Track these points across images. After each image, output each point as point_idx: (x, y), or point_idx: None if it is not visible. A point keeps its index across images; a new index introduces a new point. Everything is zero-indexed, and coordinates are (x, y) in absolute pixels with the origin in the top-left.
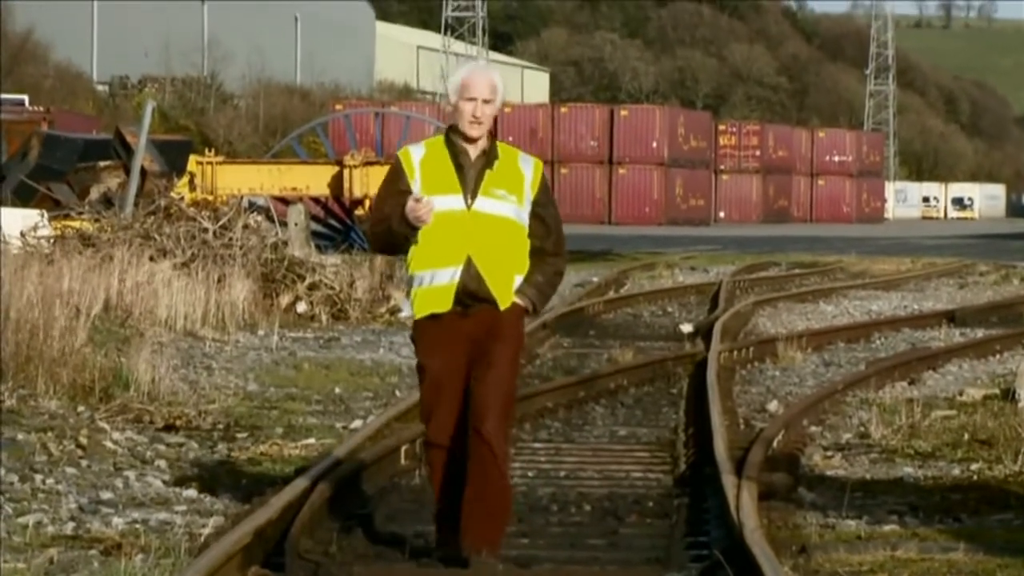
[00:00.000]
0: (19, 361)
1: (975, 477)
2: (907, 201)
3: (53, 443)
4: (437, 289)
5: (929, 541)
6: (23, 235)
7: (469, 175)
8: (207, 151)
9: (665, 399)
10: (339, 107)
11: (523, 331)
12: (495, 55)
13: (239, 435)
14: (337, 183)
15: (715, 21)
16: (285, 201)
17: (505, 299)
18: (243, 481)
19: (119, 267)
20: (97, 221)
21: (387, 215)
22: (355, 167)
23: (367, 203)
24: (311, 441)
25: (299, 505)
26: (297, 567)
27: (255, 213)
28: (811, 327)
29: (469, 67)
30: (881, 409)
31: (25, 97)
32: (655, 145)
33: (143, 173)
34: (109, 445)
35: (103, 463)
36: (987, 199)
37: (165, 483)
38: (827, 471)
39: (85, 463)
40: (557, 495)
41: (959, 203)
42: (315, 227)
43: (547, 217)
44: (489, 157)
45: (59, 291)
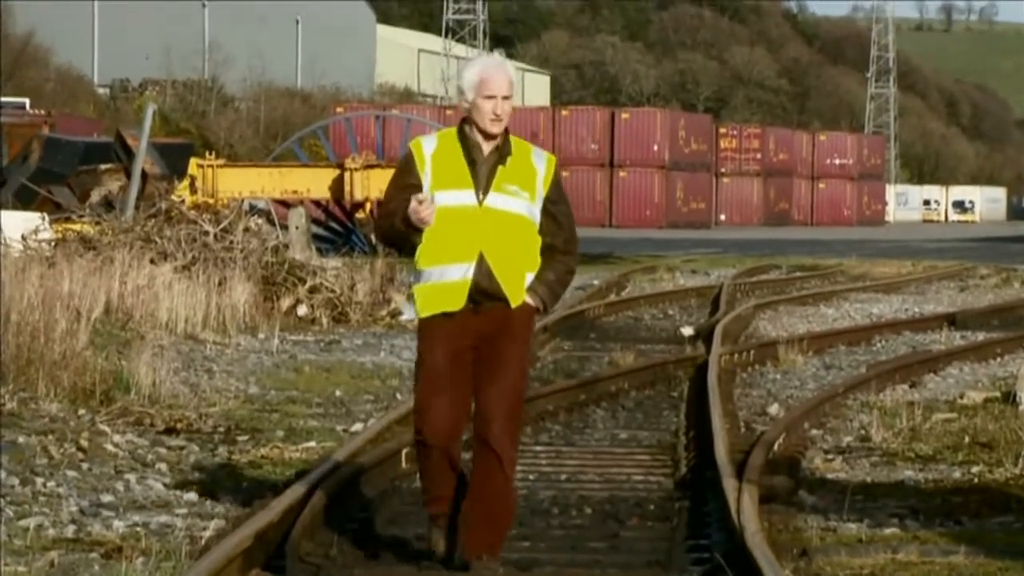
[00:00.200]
0: (20, 364)
1: (976, 480)
2: (908, 204)
3: (54, 446)
4: (448, 286)
5: (930, 544)
6: (24, 238)
7: (481, 170)
8: (208, 154)
9: (666, 402)
10: (340, 110)
11: (533, 330)
12: (499, 51)
13: (240, 438)
14: (338, 186)
15: (716, 24)
16: (286, 204)
17: (516, 297)
18: (244, 484)
19: (120, 270)
20: (98, 224)
21: (393, 210)
22: (356, 170)
23: (368, 206)
24: (312, 444)
25: (300, 508)
26: (298, 570)
27: (256, 216)
28: (812, 330)
29: (484, 63)
30: (882, 412)
31: (26, 100)
32: (656, 148)
33: (144, 176)
34: (110, 448)
35: (104, 466)
36: (988, 202)
37: (166, 486)
38: (828, 474)
39: (86, 466)
40: (558, 498)
41: (960, 206)
42: (316, 230)
43: (559, 214)
44: (502, 152)
45: (60, 294)
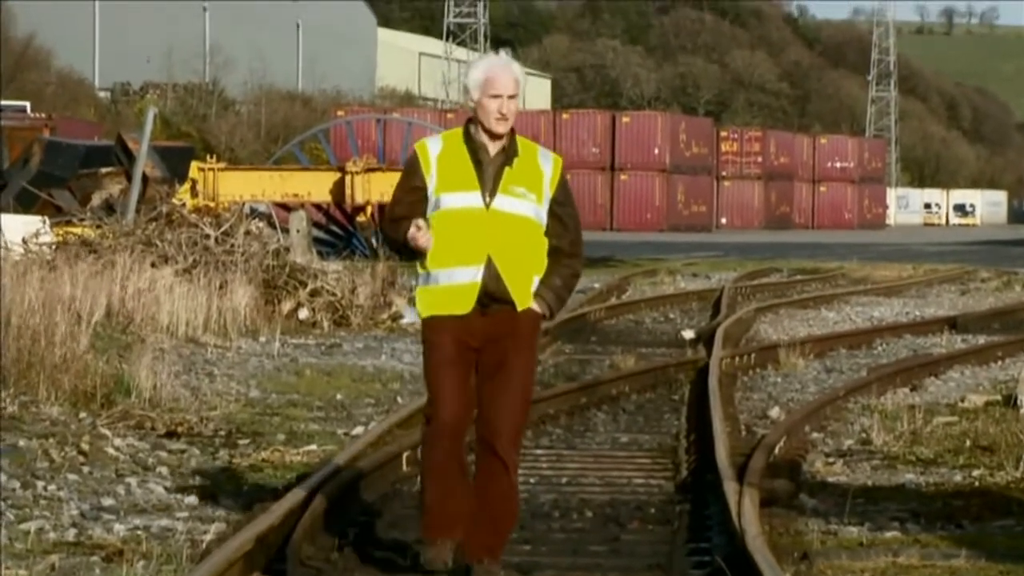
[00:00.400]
0: (21, 367)
1: (977, 483)
2: (909, 207)
3: (55, 449)
4: (455, 288)
5: (931, 547)
6: (25, 241)
7: (488, 172)
8: (209, 157)
9: (667, 405)
10: (341, 113)
11: (538, 335)
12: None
13: (241, 441)
14: (339, 189)
15: (717, 28)
16: (287, 207)
17: (524, 300)
18: (245, 487)
19: (121, 273)
20: (99, 227)
21: (399, 217)
22: (357, 173)
23: (369, 209)
24: (313, 447)
25: (301, 511)
26: (299, 573)
27: (257, 219)
28: (813, 333)
29: (490, 62)
30: (883, 415)
31: (27, 104)
32: (657, 151)
33: (145, 179)
34: (111, 451)
35: (105, 469)
36: (989, 205)
37: (167, 489)
38: (829, 477)
39: (87, 469)
40: (559, 501)
41: (961, 209)
42: (317, 233)
43: (565, 216)
44: (509, 153)
45: (61, 297)
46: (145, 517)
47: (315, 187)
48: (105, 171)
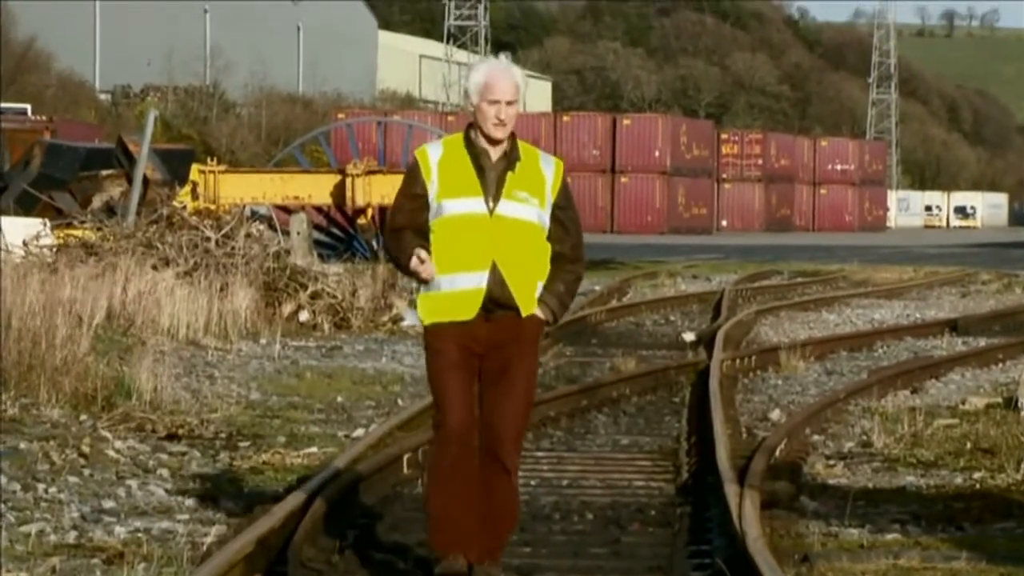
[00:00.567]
0: (21, 370)
1: (978, 486)
2: (909, 210)
3: (55, 452)
4: (460, 295)
5: (931, 550)
6: (25, 244)
7: (490, 177)
8: (209, 160)
9: (667, 408)
10: (341, 116)
11: (540, 341)
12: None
13: (241, 444)
14: (339, 192)
15: (717, 30)
16: (287, 210)
17: (528, 306)
18: (245, 490)
19: (122, 276)
20: (99, 230)
21: (400, 226)
22: (357, 176)
23: (369, 212)
24: (313, 450)
25: (301, 514)
26: None
27: (257, 222)
28: (813, 336)
29: (489, 66)
30: (883, 418)
31: (28, 106)
32: (657, 154)
33: (145, 182)
34: (111, 454)
35: (105, 472)
36: (989, 208)
37: (167, 492)
38: (829, 480)
39: (87, 472)
40: (560, 504)
41: (961, 212)
42: (317, 236)
43: (567, 220)
44: (511, 158)
45: (61, 300)
46: (146, 519)
47: (316, 190)
48: (106, 174)
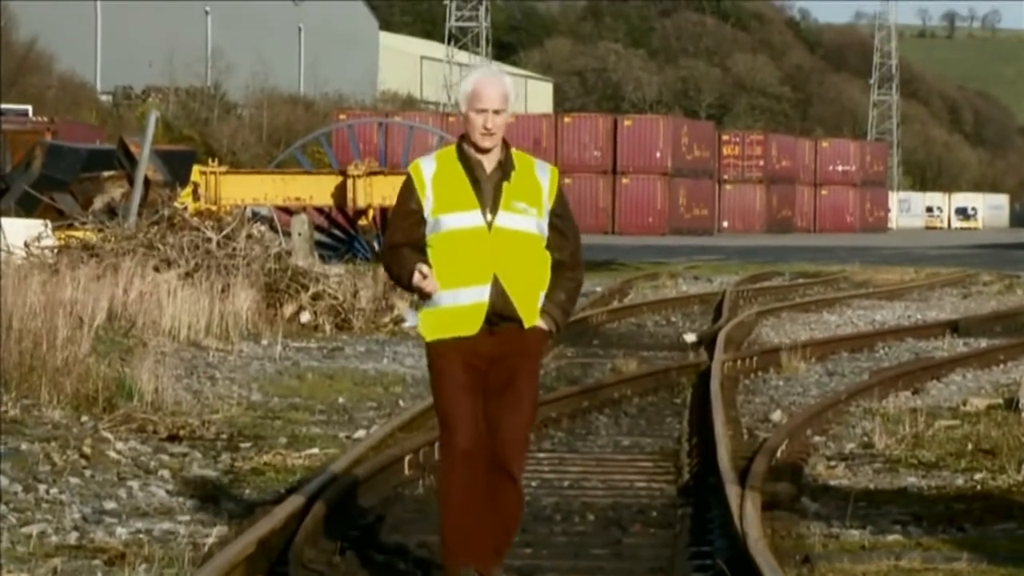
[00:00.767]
0: (23, 371)
1: (979, 487)
2: (911, 211)
3: (57, 453)
4: (462, 310)
5: (933, 551)
6: (27, 245)
7: (486, 189)
8: (211, 161)
9: (669, 409)
10: (343, 117)
11: (542, 353)
12: (498, 65)
13: (243, 445)
14: (341, 193)
15: (719, 31)
16: (289, 211)
17: (531, 317)
18: (246, 491)
19: (123, 277)
20: (101, 231)
21: (398, 243)
22: (358, 177)
23: (371, 213)
24: (315, 451)
25: (302, 515)
26: None
27: (258, 223)
28: (815, 337)
29: (479, 74)
30: (884, 419)
31: (29, 107)
32: (659, 155)
33: (147, 183)
34: (113, 455)
35: (107, 473)
36: (991, 209)
37: (169, 493)
38: (831, 481)
39: (89, 473)
40: (561, 505)
41: (963, 213)
42: (319, 237)
43: (564, 228)
44: (505, 168)
45: (62, 301)
46: (147, 520)
47: (317, 191)
48: (107, 175)
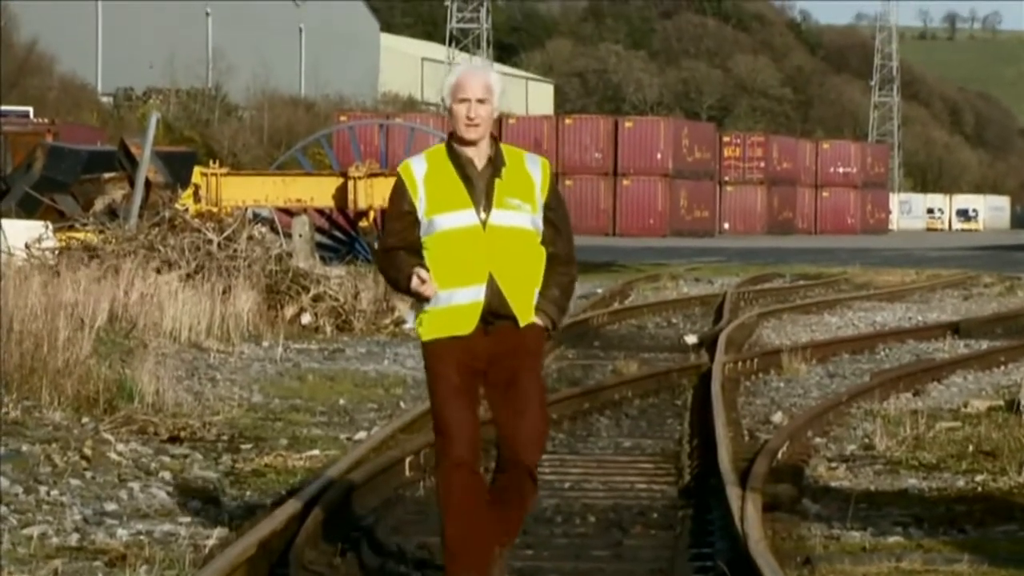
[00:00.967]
0: (23, 372)
1: (980, 488)
2: (911, 212)
3: (57, 454)
4: (457, 309)
5: (934, 553)
6: (28, 247)
7: (478, 187)
8: (211, 163)
9: (670, 410)
10: (343, 119)
11: (543, 350)
12: (499, 66)
13: (243, 446)
14: (341, 195)
15: (720, 33)
16: (289, 213)
17: (526, 315)
18: (247, 492)
19: (124, 279)
20: (101, 232)
21: (392, 247)
22: (359, 179)
23: (371, 214)
24: (315, 452)
25: (303, 517)
26: None
27: (259, 225)
28: (815, 338)
29: (461, 68)
30: (885, 420)
31: (30, 109)
32: (659, 156)
33: (147, 185)
34: (113, 456)
35: (107, 474)
36: (992, 210)
37: (169, 494)
38: (831, 482)
39: (89, 474)
40: (561, 507)
41: (963, 214)
42: (319, 239)
43: (558, 221)
44: (496, 164)
45: (63, 302)
46: (148, 522)
47: (318, 192)
48: (108, 176)
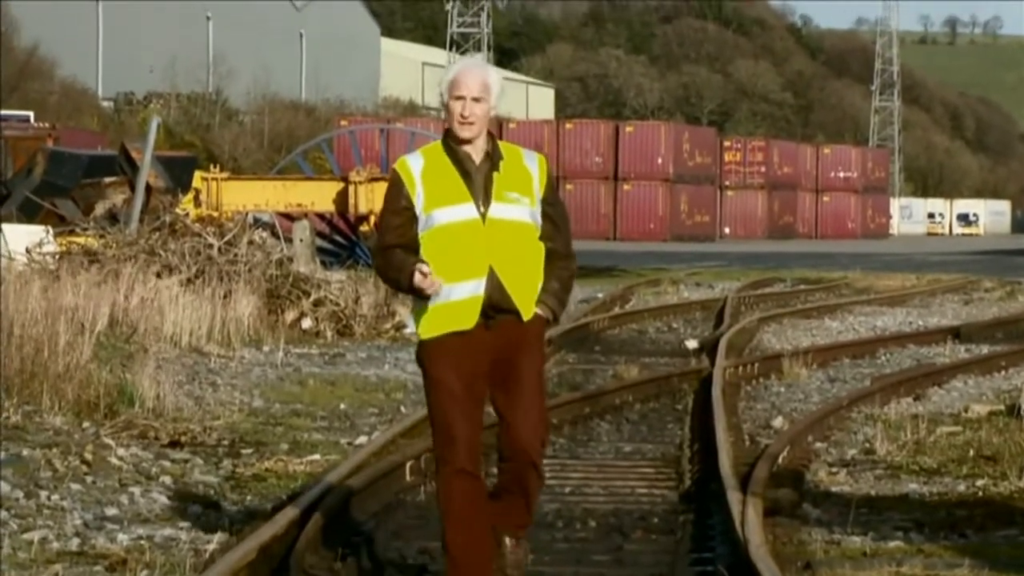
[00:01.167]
0: (24, 377)
1: (980, 493)
2: (912, 217)
3: (58, 459)
4: (457, 304)
5: (934, 557)
6: (28, 251)
7: (477, 181)
8: (212, 167)
9: (670, 415)
10: (344, 123)
11: (544, 342)
12: (500, 71)
13: (244, 451)
14: (342, 199)
15: (720, 37)
16: (290, 217)
17: (528, 309)
18: (248, 497)
19: (124, 283)
20: (102, 237)
21: (390, 245)
22: (360, 183)
23: (372, 219)
24: (316, 457)
25: (304, 521)
26: None
27: (260, 229)
28: (816, 343)
29: (460, 64)
30: (886, 425)
31: (30, 113)
32: (660, 161)
33: (148, 189)
34: (114, 461)
35: (108, 479)
36: (992, 215)
37: (170, 499)
38: (832, 487)
39: (90, 479)
40: (562, 511)
41: (964, 219)
42: (320, 243)
43: (556, 216)
44: (494, 159)
45: (64, 307)
46: (148, 527)
47: (318, 197)
48: (108, 181)
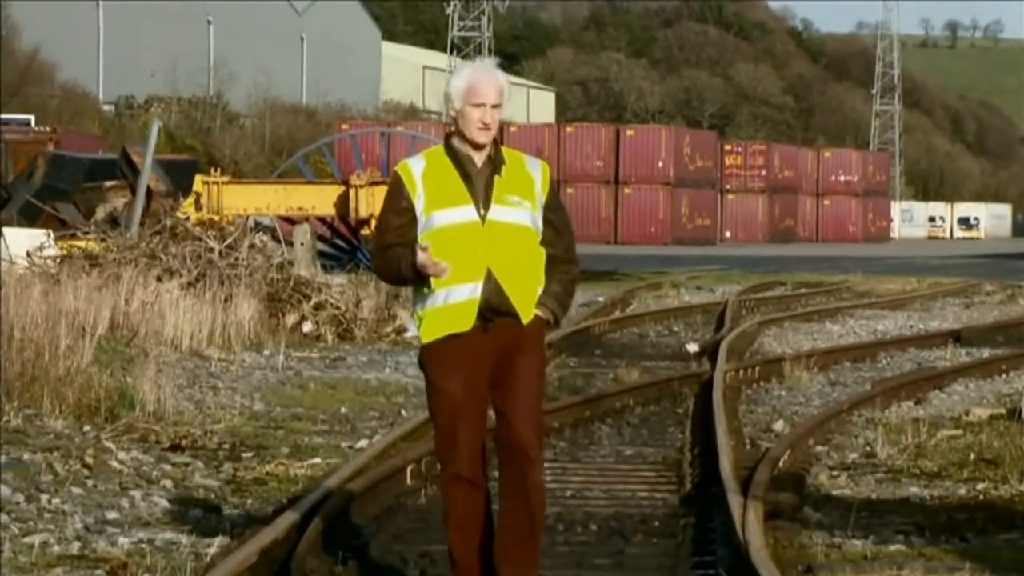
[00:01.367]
0: (25, 381)
1: (981, 497)
2: (913, 221)
3: (59, 463)
4: (455, 307)
5: (935, 561)
6: (29, 255)
7: (478, 184)
8: (213, 171)
9: (671, 419)
10: (345, 127)
11: (545, 344)
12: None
13: (245, 455)
14: (343, 203)
15: (721, 41)
16: (291, 221)
17: (527, 312)
18: (249, 501)
19: (125, 287)
20: (103, 241)
21: (389, 244)
22: (361, 187)
23: (373, 223)
24: (317, 461)
25: (304, 525)
26: None
27: (261, 233)
28: (817, 347)
29: (472, 69)
30: (887, 429)
31: (31, 117)
32: (661, 165)
33: (149, 193)
34: (115, 465)
35: (109, 483)
36: (993, 219)
37: (171, 503)
38: (833, 491)
39: (91, 483)
40: (563, 515)
41: (965, 223)
42: (321, 247)
43: (558, 221)
44: (496, 163)
45: (64, 311)
46: (149, 530)
47: (319, 200)
48: (109, 184)
